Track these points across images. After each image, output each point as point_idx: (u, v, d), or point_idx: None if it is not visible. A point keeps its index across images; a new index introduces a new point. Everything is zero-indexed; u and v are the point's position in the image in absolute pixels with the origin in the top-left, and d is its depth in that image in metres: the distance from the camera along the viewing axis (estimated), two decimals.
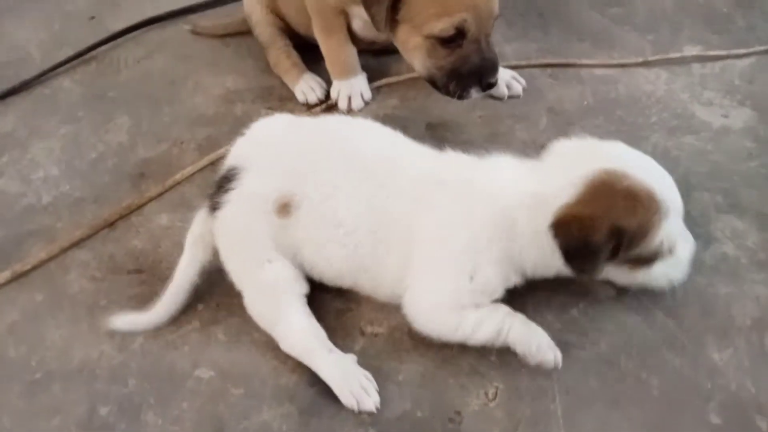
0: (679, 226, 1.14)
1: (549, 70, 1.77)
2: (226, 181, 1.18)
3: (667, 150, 1.51)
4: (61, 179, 1.53)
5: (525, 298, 1.17)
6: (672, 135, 1.55)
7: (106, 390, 1.14)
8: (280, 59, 1.77)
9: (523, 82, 1.69)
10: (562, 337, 1.16)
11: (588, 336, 1.16)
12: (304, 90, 1.70)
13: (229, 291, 1.22)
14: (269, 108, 1.70)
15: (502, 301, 1.14)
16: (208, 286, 1.25)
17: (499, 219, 1.09)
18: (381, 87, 1.74)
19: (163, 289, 1.25)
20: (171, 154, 1.58)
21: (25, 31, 2.03)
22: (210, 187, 1.25)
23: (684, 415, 1.06)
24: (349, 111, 1.67)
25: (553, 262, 1.10)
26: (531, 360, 1.09)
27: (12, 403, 1.13)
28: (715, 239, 1.31)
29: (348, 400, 1.08)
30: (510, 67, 1.73)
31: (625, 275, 1.15)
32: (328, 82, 1.71)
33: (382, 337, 1.19)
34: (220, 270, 1.21)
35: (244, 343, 1.18)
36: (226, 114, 1.68)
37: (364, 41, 1.68)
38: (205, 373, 1.15)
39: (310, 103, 1.69)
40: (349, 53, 1.68)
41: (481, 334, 1.10)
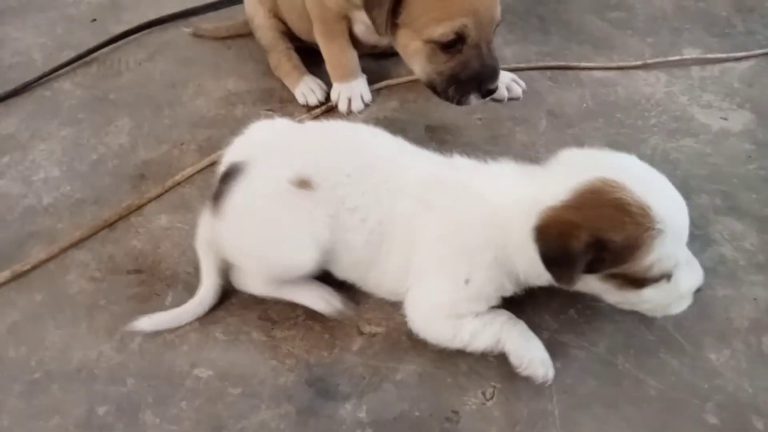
0: (684, 254, 1.06)
1: (549, 73, 1.77)
2: (230, 176, 1.16)
3: (667, 152, 1.51)
4: (62, 180, 1.54)
5: (524, 298, 1.17)
6: (671, 138, 1.56)
7: (105, 390, 1.14)
8: (281, 62, 1.78)
9: (523, 84, 1.70)
10: (560, 337, 1.16)
11: (586, 336, 1.17)
12: (304, 92, 1.71)
13: (227, 291, 1.23)
14: (269, 110, 1.70)
15: (502, 305, 1.14)
16: None
17: (493, 222, 1.08)
18: (381, 89, 1.75)
19: (162, 289, 1.26)
20: (171, 156, 1.58)
21: (27, 35, 2.04)
22: (210, 189, 1.25)
23: (681, 416, 1.06)
24: (349, 113, 1.67)
25: (542, 269, 1.04)
26: (521, 372, 1.09)
27: (11, 403, 1.13)
28: (713, 241, 1.31)
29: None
30: (510, 70, 1.74)
31: (613, 294, 1.08)
32: (328, 85, 1.72)
33: (380, 336, 1.19)
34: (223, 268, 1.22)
35: (242, 343, 1.18)
36: (226, 116, 1.69)
37: (365, 45, 1.69)
38: (203, 372, 1.15)
39: (311, 105, 1.70)
40: (350, 57, 1.68)
41: (479, 344, 1.10)
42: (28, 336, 1.23)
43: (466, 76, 1.43)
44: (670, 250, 1.01)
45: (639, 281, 1.04)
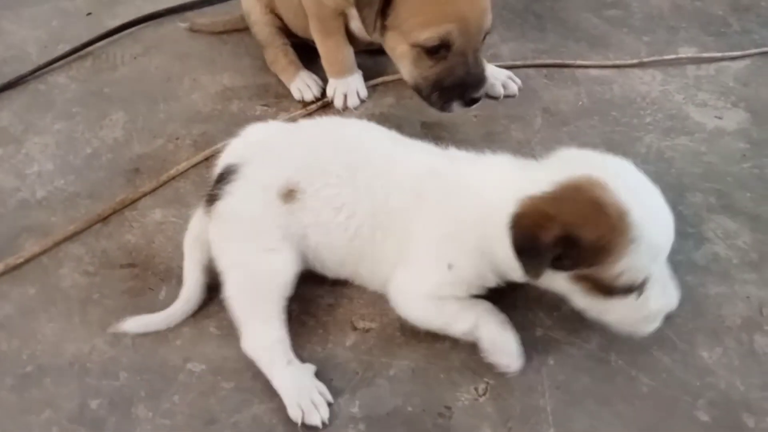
0: (661, 273, 1.04)
1: (545, 71, 1.77)
2: (225, 178, 1.18)
3: (661, 151, 1.51)
4: (56, 174, 1.53)
5: (516, 293, 1.18)
6: (666, 136, 1.56)
7: (98, 384, 1.14)
8: (278, 57, 1.78)
9: (518, 82, 1.70)
10: (554, 334, 1.17)
11: (579, 333, 1.17)
12: (300, 87, 1.71)
13: (221, 286, 1.22)
14: (265, 105, 1.70)
15: (490, 299, 1.14)
16: None
17: (479, 210, 1.08)
18: (377, 86, 1.75)
19: (155, 283, 1.26)
20: (166, 150, 1.58)
21: (22, 28, 2.03)
22: (205, 186, 1.25)
23: (673, 413, 1.07)
24: (345, 109, 1.67)
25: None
26: (487, 357, 1.10)
27: (2, 397, 1.13)
28: (707, 239, 1.32)
29: (294, 412, 1.06)
30: (506, 67, 1.74)
31: (581, 298, 1.06)
32: (324, 81, 1.72)
33: (374, 332, 1.19)
34: (212, 266, 1.21)
35: (235, 338, 1.17)
36: (222, 111, 1.68)
37: (361, 42, 1.68)
38: (196, 367, 1.15)
39: (306, 101, 1.70)
40: (347, 53, 1.68)
41: (458, 326, 1.11)
42: (20, 329, 1.22)
43: (450, 82, 1.42)
44: (643, 262, 0.99)
45: (607, 288, 1.01)
